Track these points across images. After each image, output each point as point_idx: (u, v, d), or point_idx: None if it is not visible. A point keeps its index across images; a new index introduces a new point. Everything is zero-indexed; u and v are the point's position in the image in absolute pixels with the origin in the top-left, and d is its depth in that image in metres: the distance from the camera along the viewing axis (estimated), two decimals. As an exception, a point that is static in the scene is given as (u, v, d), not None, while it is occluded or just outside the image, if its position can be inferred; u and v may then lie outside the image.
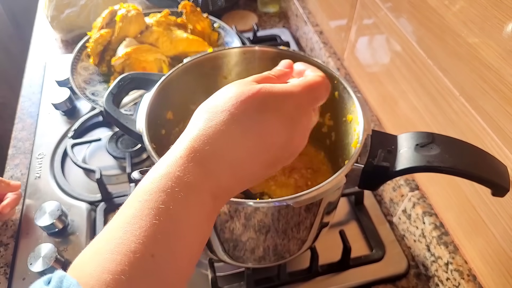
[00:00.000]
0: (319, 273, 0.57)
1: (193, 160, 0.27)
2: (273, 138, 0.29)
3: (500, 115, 0.42)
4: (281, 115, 0.29)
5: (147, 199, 0.25)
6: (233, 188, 0.29)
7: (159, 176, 0.26)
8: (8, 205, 0.60)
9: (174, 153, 0.28)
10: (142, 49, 0.76)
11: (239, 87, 0.30)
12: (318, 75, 0.34)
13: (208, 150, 0.27)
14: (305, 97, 0.31)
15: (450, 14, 0.47)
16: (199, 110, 0.31)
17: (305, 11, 0.99)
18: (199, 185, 0.27)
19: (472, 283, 0.49)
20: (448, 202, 0.53)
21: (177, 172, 0.26)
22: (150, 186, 0.26)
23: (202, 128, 0.28)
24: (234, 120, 0.28)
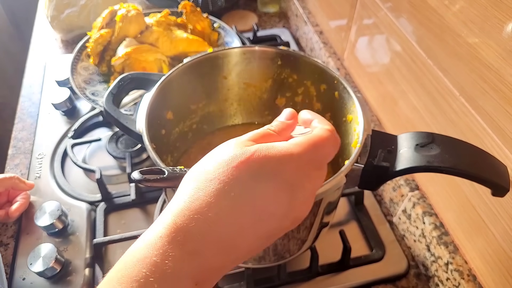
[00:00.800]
0: (319, 273, 0.57)
1: (174, 241, 0.23)
2: (271, 208, 0.26)
3: (500, 115, 0.42)
4: (279, 181, 0.26)
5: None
6: (221, 268, 0.26)
7: (134, 260, 0.23)
8: (16, 209, 0.62)
9: (155, 230, 0.24)
10: (142, 49, 0.76)
11: (232, 150, 0.26)
12: (325, 128, 0.30)
13: (193, 227, 0.24)
14: (307, 158, 0.28)
15: (450, 14, 0.47)
16: (187, 177, 0.27)
17: (305, 11, 0.99)
18: (178, 272, 0.23)
19: (472, 283, 0.49)
20: (448, 202, 0.53)
21: (154, 257, 0.23)
22: (123, 272, 0.23)
23: (187, 201, 0.25)
24: (224, 189, 0.25)
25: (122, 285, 0.22)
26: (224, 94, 0.60)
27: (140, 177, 0.31)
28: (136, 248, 0.24)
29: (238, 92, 0.60)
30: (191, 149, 0.60)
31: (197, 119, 0.59)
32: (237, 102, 0.61)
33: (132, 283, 0.22)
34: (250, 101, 0.61)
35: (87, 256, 0.59)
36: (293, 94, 0.58)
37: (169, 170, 0.33)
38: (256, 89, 0.60)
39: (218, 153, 0.27)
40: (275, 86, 0.58)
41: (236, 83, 0.59)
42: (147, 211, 0.66)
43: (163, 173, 0.32)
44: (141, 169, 0.32)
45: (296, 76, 0.56)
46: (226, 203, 0.25)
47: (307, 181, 0.28)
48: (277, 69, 0.56)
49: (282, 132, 0.31)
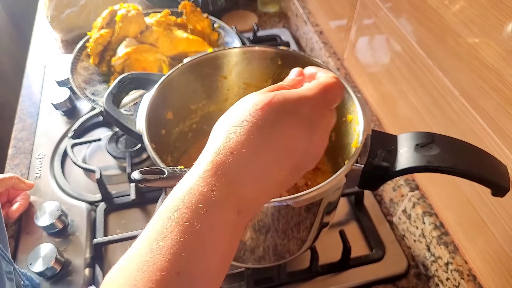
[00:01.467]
0: (319, 273, 0.57)
1: (216, 174, 0.27)
2: (294, 142, 0.29)
3: (500, 115, 0.42)
4: (299, 119, 0.30)
5: (172, 216, 0.26)
6: (259, 199, 0.29)
7: (183, 192, 0.27)
8: (16, 210, 0.62)
9: (197, 169, 0.28)
10: (142, 49, 0.76)
11: (254, 97, 0.30)
12: (331, 76, 0.34)
13: (231, 162, 0.27)
14: (320, 99, 0.31)
15: (450, 14, 0.47)
16: (218, 124, 0.31)
17: (305, 11, 0.99)
18: (223, 200, 0.26)
19: (472, 283, 0.49)
20: (448, 202, 0.53)
21: (200, 187, 0.26)
22: (175, 203, 0.26)
23: (222, 141, 0.28)
24: (253, 129, 0.28)
25: (176, 213, 0.26)
26: (224, 94, 0.60)
27: (140, 177, 0.31)
28: (182, 184, 0.27)
29: (238, 92, 0.60)
30: (191, 149, 0.60)
31: (197, 119, 0.59)
32: (237, 102, 0.61)
33: (184, 209, 0.25)
34: (250, 101, 0.61)
35: (87, 256, 0.59)
36: (293, 94, 0.58)
37: (169, 170, 0.33)
38: (256, 89, 0.59)
39: (242, 101, 0.31)
40: (275, 86, 0.58)
41: (236, 83, 0.59)
42: (147, 211, 0.66)
43: (163, 173, 0.32)
44: (141, 169, 0.32)
45: (296, 76, 0.56)
46: (256, 140, 0.28)
47: (322, 118, 0.32)
48: (277, 69, 0.56)
49: (294, 86, 0.34)
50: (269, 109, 0.29)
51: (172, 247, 0.24)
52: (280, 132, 0.29)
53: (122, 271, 0.25)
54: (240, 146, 0.28)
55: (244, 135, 0.28)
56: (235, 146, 0.28)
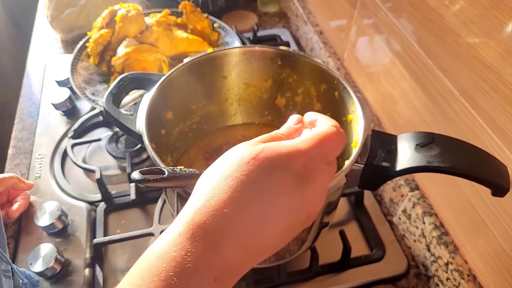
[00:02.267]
0: (319, 273, 0.57)
1: (193, 237, 0.24)
2: (283, 201, 0.26)
3: (500, 115, 0.42)
4: (289, 175, 0.27)
5: (139, 284, 0.23)
6: (242, 264, 0.26)
7: (155, 256, 0.24)
8: (16, 210, 0.62)
9: (173, 229, 0.25)
10: (142, 49, 0.76)
11: (241, 150, 0.28)
12: (330, 125, 0.32)
13: (210, 223, 0.25)
14: (315, 152, 0.29)
15: (450, 14, 0.47)
16: (201, 179, 0.28)
17: (305, 11, 0.99)
18: (198, 268, 0.24)
19: (472, 283, 0.49)
20: (448, 202, 0.53)
21: (173, 252, 0.24)
22: (144, 268, 0.24)
23: (204, 199, 0.26)
24: (237, 185, 0.26)
25: (143, 280, 0.23)
26: (224, 94, 0.60)
27: (140, 177, 0.31)
28: (156, 246, 0.25)
29: (238, 92, 0.60)
30: (191, 149, 0.60)
31: (197, 119, 0.59)
32: (237, 102, 0.61)
33: (152, 277, 0.23)
34: (250, 101, 0.61)
35: (87, 256, 0.59)
36: (293, 94, 0.58)
37: (169, 170, 0.33)
38: (256, 89, 0.60)
39: (229, 154, 0.28)
40: (275, 86, 0.58)
41: (236, 83, 0.59)
42: (147, 211, 0.66)
43: (163, 173, 0.32)
44: (141, 169, 0.32)
45: (296, 76, 0.56)
46: (240, 198, 0.25)
47: (317, 174, 0.28)
48: (277, 69, 0.56)
49: (291, 135, 0.32)
50: (256, 164, 0.26)
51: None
52: (267, 189, 0.26)
53: None
54: (222, 205, 0.25)
55: (227, 192, 0.25)
56: (216, 205, 0.25)
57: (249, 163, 0.26)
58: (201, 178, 0.28)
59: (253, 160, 0.26)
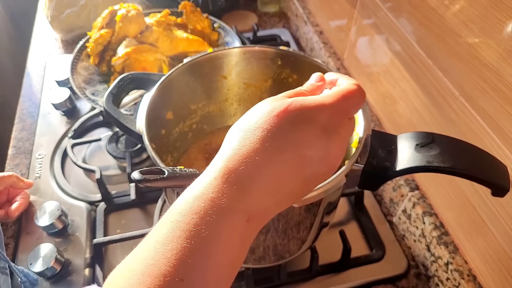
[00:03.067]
0: (319, 273, 0.57)
1: (228, 181, 0.26)
2: (310, 151, 0.28)
3: (500, 115, 0.42)
4: (316, 127, 0.29)
5: (179, 220, 0.25)
6: (271, 208, 0.28)
7: (192, 197, 0.26)
8: (16, 209, 0.62)
9: (208, 174, 0.27)
10: (142, 49, 0.76)
11: (270, 103, 0.29)
12: (352, 83, 0.33)
13: (243, 169, 0.27)
14: (339, 107, 0.30)
15: (450, 14, 0.47)
16: (232, 130, 0.30)
17: (305, 11, 0.99)
18: (233, 208, 0.26)
19: (472, 283, 0.49)
20: (448, 202, 0.53)
21: (211, 193, 0.26)
22: (184, 207, 0.26)
23: (236, 148, 0.28)
24: (268, 136, 0.27)
25: (184, 217, 0.25)
26: (224, 94, 0.60)
27: (140, 177, 0.31)
28: (192, 189, 0.27)
29: (238, 92, 0.60)
30: (191, 149, 0.60)
31: (197, 119, 0.59)
32: (237, 102, 0.61)
33: (192, 215, 0.25)
34: (250, 101, 0.61)
35: (87, 256, 0.59)
36: (293, 94, 0.58)
37: (169, 170, 0.33)
38: (256, 89, 0.60)
39: (258, 107, 0.30)
40: (275, 86, 0.58)
41: (236, 83, 0.59)
42: (147, 211, 0.66)
43: (163, 173, 0.32)
44: (141, 169, 0.32)
45: (296, 76, 0.56)
46: (270, 148, 0.27)
47: (341, 127, 0.30)
48: (277, 69, 0.56)
49: (313, 92, 0.34)
50: (285, 117, 0.28)
51: (178, 252, 0.24)
52: (295, 140, 0.28)
53: (126, 271, 0.25)
54: (253, 153, 0.27)
55: (258, 142, 0.27)
56: (248, 154, 0.27)
57: (278, 116, 0.28)
58: (232, 128, 0.30)
59: (282, 112, 0.28)
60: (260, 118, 0.28)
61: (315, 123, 0.29)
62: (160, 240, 0.25)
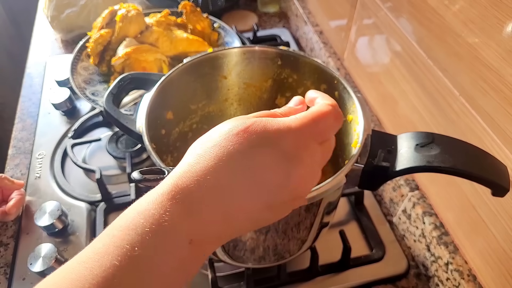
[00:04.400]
0: (319, 273, 0.57)
1: (174, 198, 0.25)
2: (267, 176, 0.26)
3: (500, 115, 0.42)
4: (276, 151, 0.27)
5: (115, 235, 0.24)
6: (221, 233, 0.27)
7: (134, 212, 0.25)
8: (14, 206, 0.62)
9: (156, 190, 0.26)
10: (142, 49, 0.76)
11: (233, 122, 0.28)
12: (327, 103, 0.31)
13: (193, 188, 0.25)
14: (306, 131, 0.28)
15: (450, 14, 0.47)
16: (192, 146, 0.28)
17: (305, 11, 0.99)
18: (174, 228, 0.24)
19: (472, 283, 0.49)
20: (448, 202, 0.53)
21: (152, 210, 0.24)
22: (123, 222, 0.24)
23: (190, 164, 0.26)
24: (224, 155, 0.26)
25: (120, 232, 0.24)
26: (224, 94, 0.60)
27: (140, 177, 0.31)
28: (137, 203, 0.26)
29: (238, 92, 0.60)
30: (191, 149, 0.60)
31: (197, 119, 0.59)
32: (237, 102, 0.61)
33: (129, 230, 0.24)
34: (250, 101, 0.61)
35: (87, 256, 0.59)
36: (293, 94, 0.58)
37: (169, 170, 0.32)
38: (256, 89, 0.60)
39: (221, 125, 0.28)
40: (275, 86, 0.58)
41: (236, 83, 0.59)
42: (147, 211, 0.66)
43: (163, 173, 0.32)
44: (141, 169, 0.32)
45: (296, 76, 0.56)
46: (226, 168, 0.26)
47: (307, 154, 0.28)
48: (277, 69, 0.56)
49: (287, 114, 0.31)
50: (245, 137, 0.26)
51: (106, 270, 0.22)
52: (252, 163, 0.26)
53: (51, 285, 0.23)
54: (206, 171, 0.25)
55: (213, 160, 0.26)
56: (201, 172, 0.25)
57: (238, 135, 0.26)
58: (193, 144, 0.29)
59: (242, 132, 0.27)
60: (220, 136, 0.27)
61: (275, 147, 0.27)
62: (91, 255, 0.23)
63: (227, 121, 0.29)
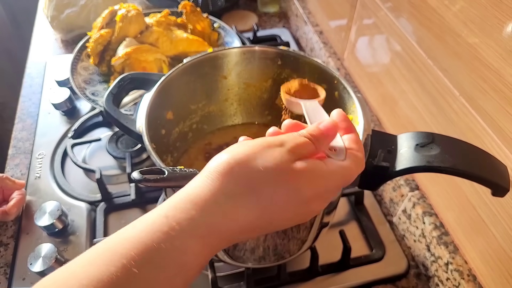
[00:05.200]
0: (319, 273, 0.57)
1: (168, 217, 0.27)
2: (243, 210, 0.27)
3: (500, 115, 0.42)
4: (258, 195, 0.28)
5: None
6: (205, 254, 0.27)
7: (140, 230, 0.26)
8: (14, 205, 0.62)
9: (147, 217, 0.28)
10: (142, 49, 0.76)
11: (279, 158, 0.28)
12: (296, 135, 0.30)
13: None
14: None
15: (450, 14, 0.47)
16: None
17: (305, 11, 0.99)
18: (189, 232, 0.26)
19: (472, 283, 0.49)
20: (448, 202, 0.53)
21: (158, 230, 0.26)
22: (129, 236, 0.26)
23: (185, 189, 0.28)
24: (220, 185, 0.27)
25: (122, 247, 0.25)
26: (224, 94, 0.60)
27: (140, 177, 0.31)
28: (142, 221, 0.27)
29: (238, 92, 0.60)
30: (191, 149, 0.60)
31: (197, 119, 0.59)
32: (237, 102, 0.61)
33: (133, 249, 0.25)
34: (250, 101, 0.61)
35: (87, 256, 0.59)
36: (293, 94, 0.58)
37: (169, 170, 0.33)
38: (256, 89, 0.60)
39: (214, 158, 0.29)
40: (275, 86, 0.58)
41: (236, 83, 0.59)
42: (147, 211, 0.66)
43: (163, 173, 0.32)
44: (141, 169, 0.32)
45: (296, 76, 0.56)
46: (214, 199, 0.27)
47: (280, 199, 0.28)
48: (277, 69, 0.56)
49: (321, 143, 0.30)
50: (225, 179, 0.27)
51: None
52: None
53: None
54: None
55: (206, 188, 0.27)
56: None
57: (223, 173, 0.27)
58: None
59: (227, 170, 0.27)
60: (219, 166, 0.27)
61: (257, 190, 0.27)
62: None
63: (270, 151, 0.28)
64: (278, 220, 0.29)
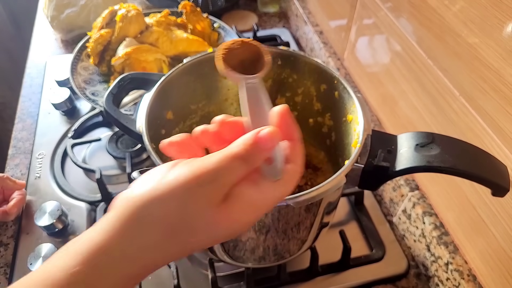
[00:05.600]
0: (319, 273, 0.57)
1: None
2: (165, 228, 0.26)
3: (500, 115, 0.42)
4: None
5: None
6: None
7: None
8: (14, 205, 0.62)
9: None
10: (142, 49, 0.76)
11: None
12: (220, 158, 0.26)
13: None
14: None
15: (450, 14, 0.47)
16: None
17: (305, 11, 0.99)
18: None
19: (472, 283, 0.49)
20: (448, 202, 0.53)
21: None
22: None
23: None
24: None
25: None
26: (224, 94, 0.60)
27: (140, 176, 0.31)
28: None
29: (238, 92, 0.60)
30: (191, 149, 0.60)
31: (197, 119, 0.59)
32: (237, 102, 0.61)
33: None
34: (250, 101, 0.61)
35: (87, 256, 0.59)
36: (293, 94, 0.58)
37: (169, 170, 0.32)
38: (256, 89, 0.60)
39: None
40: (275, 86, 0.58)
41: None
42: (147, 211, 0.66)
43: (163, 173, 0.32)
44: (141, 169, 0.32)
45: (296, 76, 0.56)
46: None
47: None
48: (277, 69, 0.56)
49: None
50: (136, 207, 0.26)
51: None
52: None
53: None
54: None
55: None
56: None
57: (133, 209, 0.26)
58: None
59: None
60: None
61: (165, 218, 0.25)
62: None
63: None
64: (186, 254, 0.27)
